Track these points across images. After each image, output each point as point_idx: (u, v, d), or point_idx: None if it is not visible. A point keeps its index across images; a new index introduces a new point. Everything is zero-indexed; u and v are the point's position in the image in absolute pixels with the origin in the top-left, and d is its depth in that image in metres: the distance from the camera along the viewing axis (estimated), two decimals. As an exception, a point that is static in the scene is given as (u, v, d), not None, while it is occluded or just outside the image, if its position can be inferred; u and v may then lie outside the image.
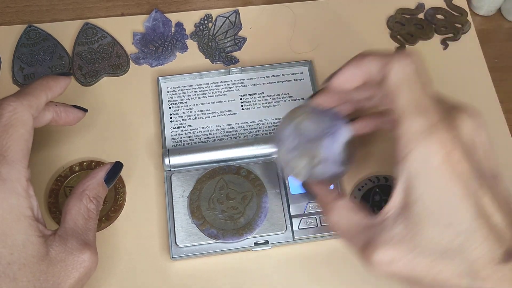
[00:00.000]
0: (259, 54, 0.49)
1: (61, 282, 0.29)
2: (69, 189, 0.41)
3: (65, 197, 0.41)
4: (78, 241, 0.31)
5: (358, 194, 0.41)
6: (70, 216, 0.32)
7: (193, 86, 0.47)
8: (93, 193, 0.34)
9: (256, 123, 0.45)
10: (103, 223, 0.40)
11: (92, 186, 0.34)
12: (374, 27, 0.51)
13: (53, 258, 0.30)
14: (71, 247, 0.30)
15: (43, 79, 0.35)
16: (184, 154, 0.42)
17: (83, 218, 0.32)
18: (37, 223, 0.30)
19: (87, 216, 0.32)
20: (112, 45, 0.49)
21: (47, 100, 0.35)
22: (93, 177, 0.34)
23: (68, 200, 0.33)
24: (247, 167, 0.42)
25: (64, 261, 0.30)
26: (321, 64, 0.48)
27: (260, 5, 0.52)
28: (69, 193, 0.38)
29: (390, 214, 0.29)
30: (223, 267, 0.40)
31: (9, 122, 0.31)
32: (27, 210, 0.29)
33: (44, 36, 0.49)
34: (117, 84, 0.47)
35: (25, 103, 0.32)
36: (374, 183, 0.41)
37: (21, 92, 0.33)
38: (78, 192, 0.33)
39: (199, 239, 0.39)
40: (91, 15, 0.51)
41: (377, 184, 0.41)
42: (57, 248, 0.30)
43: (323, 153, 0.35)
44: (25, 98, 0.32)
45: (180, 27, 0.50)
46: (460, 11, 0.51)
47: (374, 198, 0.40)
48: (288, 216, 0.41)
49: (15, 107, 0.31)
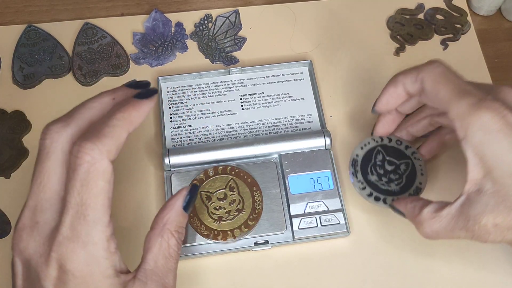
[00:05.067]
0: (259, 54, 0.49)
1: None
2: (205, 193, 0.40)
3: (201, 203, 0.40)
4: (158, 285, 0.30)
5: (360, 152, 0.41)
6: (151, 255, 0.30)
7: (193, 86, 0.47)
8: (174, 226, 0.31)
9: (256, 123, 0.45)
10: (242, 231, 0.39)
11: (172, 218, 0.31)
12: (374, 27, 0.51)
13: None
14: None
15: (123, 111, 0.29)
16: (184, 154, 0.42)
17: (164, 257, 0.30)
18: (118, 277, 0.29)
19: (168, 254, 0.31)
20: (112, 45, 0.49)
21: (127, 135, 0.29)
22: (172, 208, 0.32)
23: (149, 237, 0.31)
24: (246, 167, 0.42)
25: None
26: (321, 64, 0.48)
27: (260, 5, 0.52)
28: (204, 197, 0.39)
29: (473, 189, 0.30)
30: (223, 267, 0.40)
31: (88, 175, 0.27)
32: (107, 270, 0.28)
33: (44, 36, 0.49)
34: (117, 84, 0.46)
35: (103, 150, 0.27)
36: (377, 143, 0.41)
37: (98, 134, 0.28)
38: (158, 227, 0.31)
39: (199, 239, 0.39)
40: (91, 15, 0.51)
41: (381, 143, 0.41)
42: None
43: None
44: (103, 142, 0.27)
45: (180, 27, 0.50)
46: (460, 12, 0.51)
47: (377, 158, 0.40)
48: (288, 216, 0.41)
49: (93, 156, 0.27)
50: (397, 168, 0.40)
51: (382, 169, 0.40)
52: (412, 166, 0.40)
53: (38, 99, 0.46)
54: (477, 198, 0.30)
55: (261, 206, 0.40)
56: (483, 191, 0.30)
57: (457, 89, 0.31)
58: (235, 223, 0.40)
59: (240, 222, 0.40)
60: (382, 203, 0.39)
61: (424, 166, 0.40)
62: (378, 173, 0.40)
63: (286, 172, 0.42)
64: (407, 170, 0.40)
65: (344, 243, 0.41)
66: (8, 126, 0.45)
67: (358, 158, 0.40)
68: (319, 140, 0.43)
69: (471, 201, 0.30)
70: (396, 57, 0.49)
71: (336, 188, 0.41)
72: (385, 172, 0.40)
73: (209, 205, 0.40)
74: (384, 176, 0.40)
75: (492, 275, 0.39)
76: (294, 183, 0.41)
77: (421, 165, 0.40)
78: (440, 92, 0.32)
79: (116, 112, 0.29)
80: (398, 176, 0.40)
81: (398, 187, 0.39)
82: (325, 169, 0.42)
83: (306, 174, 0.42)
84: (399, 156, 0.40)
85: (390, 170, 0.40)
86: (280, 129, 0.45)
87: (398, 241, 0.41)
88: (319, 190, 0.41)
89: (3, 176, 0.43)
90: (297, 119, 0.45)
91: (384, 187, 0.39)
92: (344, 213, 0.41)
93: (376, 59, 0.49)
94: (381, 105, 0.38)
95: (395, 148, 0.41)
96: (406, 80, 0.35)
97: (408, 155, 0.40)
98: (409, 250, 0.40)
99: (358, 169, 0.40)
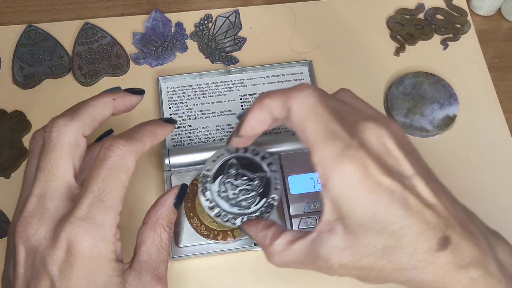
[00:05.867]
0: (259, 54, 0.49)
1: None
2: None
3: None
4: (152, 275, 0.32)
5: (212, 166, 0.37)
6: (145, 247, 0.32)
7: (193, 86, 0.47)
8: (166, 221, 0.33)
9: (256, 123, 0.45)
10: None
11: (164, 214, 0.33)
12: (374, 27, 0.51)
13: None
14: (144, 282, 0.31)
15: (152, 125, 0.33)
16: (184, 154, 0.42)
17: (157, 249, 0.32)
18: (118, 263, 0.30)
19: (161, 247, 0.33)
20: (112, 45, 0.49)
21: (150, 146, 0.33)
22: (164, 204, 0.34)
23: (142, 231, 0.33)
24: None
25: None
26: (321, 64, 0.48)
27: (260, 5, 0.52)
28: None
29: (325, 228, 0.30)
30: (223, 267, 0.40)
31: (115, 166, 0.30)
32: (112, 254, 0.30)
33: (44, 36, 0.49)
34: (117, 84, 0.47)
35: (133, 149, 0.31)
36: (231, 154, 0.38)
37: (130, 136, 0.31)
38: (151, 222, 0.33)
39: (199, 239, 0.39)
40: (91, 15, 0.51)
41: (235, 155, 0.38)
42: (133, 282, 0.31)
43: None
44: (134, 143, 0.31)
45: (180, 27, 0.50)
46: (460, 12, 0.51)
47: (230, 172, 0.38)
48: (288, 216, 0.41)
49: (124, 152, 0.30)
50: (251, 182, 0.38)
51: (234, 184, 0.38)
52: (267, 180, 0.38)
53: (38, 99, 0.46)
54: (328, 238, 0.30)
55: None
56: (334, 232, 0.30)
57: (324, 130, 0.29)
58: None
59: None
60: (230, 224, 0.36)
61: (280, 179, 0.38)
62: (230, 189, 0.37)
63: (286, 172, 0.42)
64: (261, 184, 0.38)
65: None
66: (8, 126, 0.45)
67: (209, 173, 0.37)
68: (319, 140, 0.43)
69: (321, 239, 0.30)
70: (396, 57, 0.49)
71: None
72: (238, 187, 0.38)
73: None
74: (236, 192, 0.37)
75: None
76: (294, 183, 0.41)
77: (276, 177, 0.38)
78: (306, 130, 0.30)
79: (145, 125, 0.33)
80: (252, 191, 0.37)
81: (250, 204, 0.37)
82: (325, 169, 0.42)
83: (306, 174, 0.42)
84: (254, 169, 0.38)
85: (243, 184, 0.38)
86: (280, 129, 0.45)
87: (398, 241, 0.41)
88: (319, 190, 0.41)
89: (3, 176, 0.43)
90: (297, 119, 0.45)
91: (235, 205, 0.37)
92: (344, 213, 0.41)
93: (376, 59, 0.49)
94: (245, 132, 0.34)
95: (250, 160, 0.38)
96: (273, 105, 0.32)
97: (264, 167, 0.38)
98: (409, 250, 0.40)
99: (208, 185, 0.37)
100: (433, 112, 0.46)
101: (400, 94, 0.46)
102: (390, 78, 0.48)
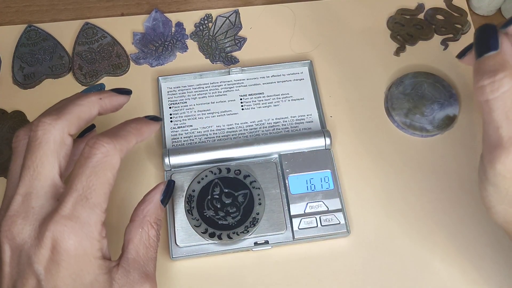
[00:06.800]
0: (259, 54, 0.49)
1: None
2: None
3: None
4: (140, 273, 0.31)
5: (197, 187, 0.40)
6: (133, 245, 0.32)
7: (193, 86, 0.47)
8: (154, 218, 0.33)
9: (256, 123, 0.45)
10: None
11: (151, 211, 0.33)
12: (374, 27, 0.51)
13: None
14: (132, 279, 0.31)
15: (137, 123, 0.34)
16: (184, 154, 0.42)
17: (145, 246, 0.32)
18: (104, 261, 0.30)
19: (148, 244, 0.33)
20: (112, 45, 0.49)
21: (135, 145, 0.33)
22: (150, 201, 0.34)
23: (129, 228, 0.33)
24: (245, 167, 0.42)
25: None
26: (321, 64, 0.48)
27: (260, 5, 0.52)
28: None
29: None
30: (223, 267, 0.40)
31: (100, 164, 0.30)
32: (97, 252, 0.30)
33: (44, 36, 0.49)
34: (117, 84, 0.47)
35: (118, 147, 0.31)
36: (215, 175, 0.40)
37: (114, 134, 0.32)
38: (138, 219, 0.33)
39: (199, 239, 0.39)
40: (91, 15, 0.51)
41: (218, 175, 0.40)
42: (120, 280, 0.31)
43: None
44: (119, 141, 0.31)
45: (180, 27, 0.50)
46: (460, 12, 0.51)
47: (214, 191, 0.40)
48: (288, 216, 0.41)
49: (109, 149, 0.30)
50: (234, 200, 0.39)
51: (219, 202, 0.39)
52: (250, 196, 0.40)
53: (38, 99, 0.46)
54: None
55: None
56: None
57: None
58: None
59: None
60: (217, 239, 0.38)
61: (262, 195, 0.40)
62: (215, 207, 0.39)
63: (286, 172, 0.42)
64: (244, 201, 0.39)
65: (344, 243, 0.41)
66: (8, 126, 0.45)
67: (194, 193, 0.40)
68: (319, 140, 0.43)
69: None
70: (396, 57, 0.49)
71: (336, 188, 0.41)
72: (222, 206, 0.39)
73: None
74: (221, 210, 0.39)
75: (491, 276, 0.39)
76: (294, 183, 0.41)
77: (259, 194, 0.40)
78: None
79: (130, 123, 0.33)
80: (236, 208, 0.39)
81: (235, 220, 0.39)
82: (325, 169, 0.42)
83: (306, 174, 0.42)
84: (238, 187, 0.40)
85: (227, 203, 0.39)
86: (280, 129, 0.45)
87: (398, 241, 0.41)
88: (319, 190, 0.41)
89: (3, 176, 0.43)
90: (297, 119, 0.45)
91: (221, 222, 0.39)
92: (344, 213, 0.41)
93: (376, 59, 0.49)
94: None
95: (233, 179, 0.40)
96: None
97: (247, 184, 0.40)
98: (408, 250, 0.40)
99: (194, 205, 0.39)
100: (433, 112, 0.46)
101: (400, 94, 0.46)
102: (390, 78, 0.48)
